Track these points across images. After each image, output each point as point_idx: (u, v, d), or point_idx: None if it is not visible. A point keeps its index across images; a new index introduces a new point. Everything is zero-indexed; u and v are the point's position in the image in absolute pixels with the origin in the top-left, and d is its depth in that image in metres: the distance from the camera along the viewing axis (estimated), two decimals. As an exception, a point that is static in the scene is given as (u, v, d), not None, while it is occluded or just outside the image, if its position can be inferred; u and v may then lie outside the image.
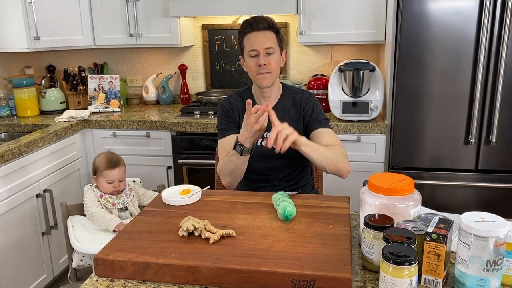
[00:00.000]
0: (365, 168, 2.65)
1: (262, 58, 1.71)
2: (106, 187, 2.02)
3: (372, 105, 2.65)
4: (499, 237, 0.99)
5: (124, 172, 2.07)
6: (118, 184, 2.02)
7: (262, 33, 1.72)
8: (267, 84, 1.76)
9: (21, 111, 3.08)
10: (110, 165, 2.02)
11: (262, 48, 1.71)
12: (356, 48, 3.15)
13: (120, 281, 1.14)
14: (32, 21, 2.83)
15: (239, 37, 1.79)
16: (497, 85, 2.29)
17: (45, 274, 2.59)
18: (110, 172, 2.01)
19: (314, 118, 1.81)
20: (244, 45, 1.76)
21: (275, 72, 1.76)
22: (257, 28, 1.72)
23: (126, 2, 3.00)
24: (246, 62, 1.79)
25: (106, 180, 2.01)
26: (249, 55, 1.74)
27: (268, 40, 1.72)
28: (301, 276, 1.05)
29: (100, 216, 1.93)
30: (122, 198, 2.04)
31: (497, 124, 2.34)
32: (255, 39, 1.72)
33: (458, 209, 2.42)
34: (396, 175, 1.27)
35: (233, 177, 1.75)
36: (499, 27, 2.24)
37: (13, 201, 2.33)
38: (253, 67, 1.74)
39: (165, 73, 3.46)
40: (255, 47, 1.71)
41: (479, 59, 2.27)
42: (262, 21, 1.72)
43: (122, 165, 2.07)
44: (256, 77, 1.75)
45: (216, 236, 1.21)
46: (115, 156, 2.09)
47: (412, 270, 0.97)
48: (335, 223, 1.32)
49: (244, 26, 1.75)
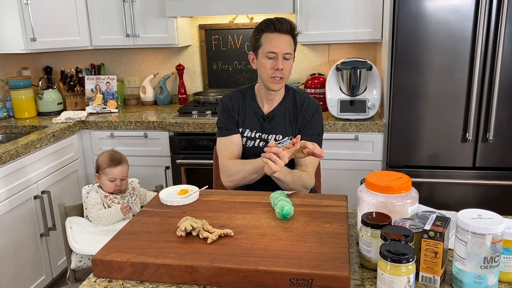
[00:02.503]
0: (363, 166, 2.65)
1: (280, 62, 1.69)
2: (108, 185, 2.01)
3: (369, 103, 2.65)
4: (496, 234, 1.00)
5: (127, 171, 2.06)
6: (120, 182, 2.02)
7: (284, 36, 1.70)
8: (279, 88, 1.77)
9: (18, 113, 3.08)
10: (113, 163, 2.01)
11: (282, 53, 1.69)
12: (353, 47, 3.16)
13: (118, 281, 1.14)
14: (28, 22, 2.82)
15: (256, 33, 1.74)
16: (494, 83, 2.29)
17: (43, 276, 2.58)
18: (112, 170, 2.00)
19: (308, 127, 1.81)
20: (262, 43, 1.72)
21: (287, 78, 1.77)
22: (280, 29, 1.69)
23: (122, 3, 3.00)
24: (260, 61, 1.75)
25: (108, 178, 2.01)
26: (267, 56, 1.71)
27: (288, 45, 1.71)
28: (299, 275, 1.05)
29: (106, 215, 1.93)
30: (127, 198, 2.03)
31: (494, 121, 2.34)
32: (276, 41, 1.69)
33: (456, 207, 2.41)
34: (394, 173, 1.27)
35: (243, 182, 1.78)
36: (495, 25, 2.24)
37: (11, 202, 2.33)
38: (269, 69, 1.72)
39: (162, 73, 3.46)
40: (275, 50, 1.69)
41: (475, 57, 2.28)
42: (285, 23, 1.69)
43: (125, 164, 2.06)
44: (269, 79, 1.74)
45: (214, 236, 1.21)
46: (118, 154, 2.08)
47: (409, 268, 0.98)
48: (333, 221, 1.32)
49: (266, 24, 1.71)
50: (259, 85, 1.85)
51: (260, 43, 1.73)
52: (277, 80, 1.73)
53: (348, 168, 2.67)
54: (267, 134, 1.84)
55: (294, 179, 1.70)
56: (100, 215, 1.94)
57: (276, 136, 1.83)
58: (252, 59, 1.81)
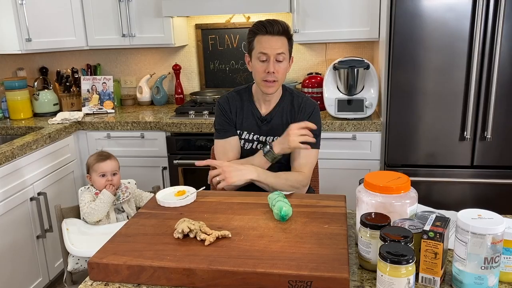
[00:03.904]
0: (361, 166, 2.65)
1: (271, 65, 1.68)
2: (99, 181, 2.00)
3: (367, 102, 2.64)
4: (496, 234, 0.99)
5: (117, 167, 2.04)
6: (111, 177, 2.00)
7: (276, 38, 1.68)
8: (272, 92, 1.75)
9: (14, 114, 3.06)
10: (101, 158, 2.01)
11: (273, 54, 1.67)
12: (350, 46, 3.15)
13: (115, 284, 1.13)
14: (23, 22, 2.80)
15: (249, 36, 1.74)
16: (492, 81, 2.29)
17: (40, 278, 2.57)
18: (100, 164, 1.99)
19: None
20: (254, 46, 1.71)
21: (281, 81, 1.75)
22: (271, 31, 1.67)
23: (118, 2, 2.98)
24: (253, 63, 1.75)
25: (98, 174, 1.99)
26: (258, 58, 1.70)
27: (281, 46, 1.68)
28: (297, 277, 1.04)
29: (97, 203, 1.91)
30: (118, 194, 2.02)
31: (492, 119, 2.34)
32: (267, 43, 1.68)
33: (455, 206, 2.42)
34: (392, 173, 1.26)
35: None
36: (493, 23, 2.23)
37: (7, 204, 2.31)
38: (261, 72, 1.71)
39: (159, 73, 3.44)
40: (266, 51, 1.67)
41: (473, 55, 2.27)
42: (277, 24, 1.68)
43: (114, 159, 2.05)
44: (261, 83, 1.73)
45: (211, 238, 1.20)
46: (106, 152, 2.09)
47: (409, 269, 0.97)
48: (332, 222, 1.31)
49: (257, 26, 1.70)
50: (256, 87, 1.84)
51: (252, 46, 1.73)
52: (270, 84, 1.71)
53: (346, 167, 2.67)
54: (265, 136, 1.83)
55: (277, 181, 1.70)
56: (92, 207, 1.92)
57: (274, 138, 1.82)
58: (247, 61, 1.80)
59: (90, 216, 1.94)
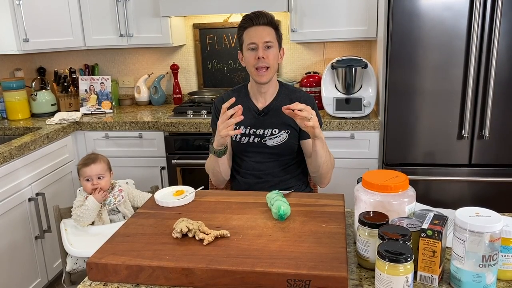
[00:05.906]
0: (359, 165, 2.65)
1: (261, 51, 1.73)
2: (86, 186, 1.99)
3: (365, 101, 2.64)
4: (494, 232, 0.99)
5: (103, 170, 2.00)
6: (96, 181, 1.98)
7: (262, 27, 1.75)
8: (266, 80, 1.78)
9: (12, 114, 3.05)
10: (86, 162, 1.99)
11: (262, 42, 1.74)
12: (348, 45, 3.15)
13: (113, 285, 1.13)
14: (21, 22, 2.79)
15: (238, 32, 1.81)
16: (489, 79, 2.29)
17: (39, 278, 2.56)
18: (85, 169, 1.98)
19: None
20: (244, 39, 1.78)
21: (273, 68, 1.78)
22: (257, 22, 1.75)
23: (116, 2, 2.98)
24: (244, 56, 1.80)
25: (83, 178, 1.99)
26: (248, 48, 1.76)
27: (268, 35, 1.75)
28: (296, 276, 1.04)
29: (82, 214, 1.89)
30: (109, 199, 2.00)
31: (490, 118, 2.34)
32: (254, 33, 1.75)
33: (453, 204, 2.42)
34: (390, 171, 1.26)
35: (215, 178, 1.86)
36: (490, 21, 2.24)
37: (5, 205, 2.31)
38: (252, 61, 1.75)
39: (156, 73, 3.44)
40: (254, 40, 1.74)
41: (470, 54, 2.28)
42: (262, 16, 1.76)
43: (100, 162, 2.01)
44: (254, 72, 1.77)
45: (210, 237, 1.20)
46: (93, 154, 2.05)
47: (407, 267, 0.97)
48: (330, 221, 1.31)
49: (244, 20, 1.78)
50: (251, 82, 1.87)
51: (242, 40, 1.79)
52: (262, 72, 1.75)
53: (344, 166, 2.67)
54: (263, 129, 1.83)
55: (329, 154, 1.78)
56: (78, 214, 1.91)
57: (273, 130, 1.82)
58: (240, 58, 1.85)
59: (77, 222, 1.94)
